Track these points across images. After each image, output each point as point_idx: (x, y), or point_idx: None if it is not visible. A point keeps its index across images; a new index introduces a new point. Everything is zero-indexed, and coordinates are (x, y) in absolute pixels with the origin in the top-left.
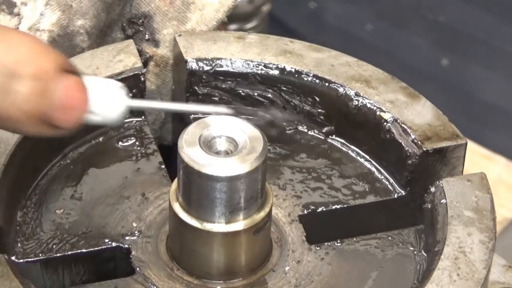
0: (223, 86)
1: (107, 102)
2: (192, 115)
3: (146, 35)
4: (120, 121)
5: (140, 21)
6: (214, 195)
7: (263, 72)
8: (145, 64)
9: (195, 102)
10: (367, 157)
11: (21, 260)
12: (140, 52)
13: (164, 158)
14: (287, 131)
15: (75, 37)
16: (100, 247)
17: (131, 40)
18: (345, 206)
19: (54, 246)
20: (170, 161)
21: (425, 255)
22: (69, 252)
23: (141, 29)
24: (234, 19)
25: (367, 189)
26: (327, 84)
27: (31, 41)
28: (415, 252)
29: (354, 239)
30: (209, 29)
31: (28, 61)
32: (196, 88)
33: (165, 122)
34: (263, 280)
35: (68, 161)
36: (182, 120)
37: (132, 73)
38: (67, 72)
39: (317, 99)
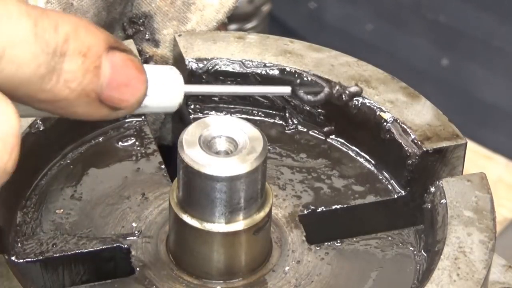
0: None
1: (166, 87)
2: (192, 115)
3: (146, 35)
4: (176, 107)
5: (141, 20)
6: (214, 195)
7: (263, 72)
8: (145, 64)
9: (251, 85)
10: (367, 157)
11: (21, 260)
12: (140, 52)
13: (164, 158)
14: (287, 131)
15: None
16: (100, 247)
17: (131, 40)
18: (345, 206)
19: (54, 246)
20: (170, 161)
21: (425, 255)
22: (69, 252)
23: (141, 29)
24: (234, 19)
25: (367, 189)
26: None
27: (74, 19)
28: (415, 252)
29: (354, 239)
30: (209, 29)
31: (72, 37)
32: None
33: (165, 122)
34: (263, 280)
35: (68, 161)
36: (182, 120)
37: None
38: (117, 49)
39: None
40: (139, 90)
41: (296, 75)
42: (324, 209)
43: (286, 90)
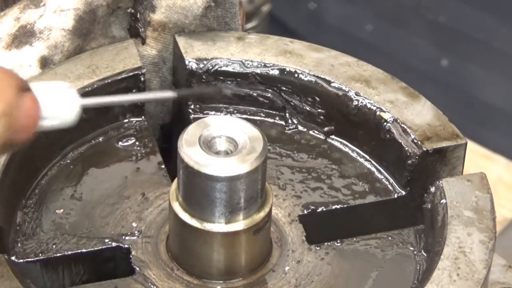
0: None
1: (60, 106)
2: (192, 115)
3: (145, 1)
4: (76, 121)
5: None
6: (214, 195)
7: (263, 72)
8: (143, 30)
9: (142, 92)
10: (367, 157)
11: (21, 260)
12: (138, 19)
13: (164, 158)
14: (287, 131)
15: (98, 10)
16: (100, 247)
17: (131, 40)
18: (345, 206)
19: (54, 246)
20: (170, 161)
21: (425, 255)
22: (69, 252)
23: None
24: None
25: (367, 189)
26: (326, 84)
27: None
28: (415, 252)
29: (354, 239)
30: None
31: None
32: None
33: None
34: (263, 280)
35: (68, 161)
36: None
37: (132, 73)
38: (23, 91)
39: (317, 99)
40: (36, 125)
41: (296, 75)
42: (324, 209)
43: (170, 94)
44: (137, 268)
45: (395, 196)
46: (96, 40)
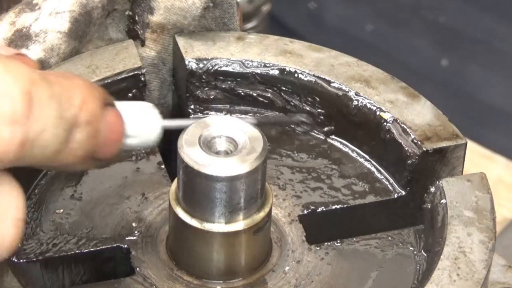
0: (223, 86)
1: (143, 126)
2: (192, 115)
3: (143, 3)
4: (157, 142)
5: None
6: (214, 195)
7: (263, 72)
8: (142, 32)
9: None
10: (367, 157)
11: (21, 260)
12: (137, 21)
13: (164, 158)
14: (287, 131)
15: (93, 12)
16: (100, 247)
17: (131, 40)
18: (345, 206)
19: (54, 246)
20: (170, 161)
21: (425, 255)
22: (69, 252)
23: None
24: None
25: (367, 189)
26: (326, 84)
27: (80, 85)
28: (415, 252)
29: (354, 239)
30: None
31: (83, 108)
32: (196, 88)
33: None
34: (263, 280)
35: None
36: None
37: (132, 73)
38: (107, 105)
39: (317, 99)
40: (121, 142)
41: (296, 75)
42: (324, 209)
43: (253, 121)
44: (137, 268)
45: (395, 196)
46: (92, 43)
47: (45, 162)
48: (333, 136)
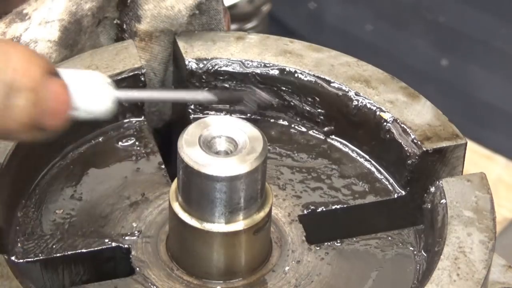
0: (223, 86)
1: (92, 97)
2: (192, 116)
3: (131, 12)
4: (110, 113)
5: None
6: (214, 195)
7: (263, 72)
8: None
9: (180, 89)
10: (367, 157)
11: (21, 260)
12: (125, 30)
13: (164, 158)
14: (287, 131)
15: (83, 20)
16: (100, 247)
17: (131, 40)
18: (345, 206)
19: (54, 246)
20: (170, 161)
21: (425, 255)
22: (69, 252)
23: (128, 3)
24: (234, 19)
25: (367, 189)
26: (326, 84)
27: (21, 50)
28: (415, 252)
29: (354, 239)
30: (186, 7)
31: (23, 73)
32: (196, 88)
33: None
34: (263, 280)
35: (68, 161)
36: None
37: (132, 73)
38: (51, 74)
39: (317, 99)
40: (67, 112)
41: (296, 75)
42: (324, 209)
43: (211, 96)
44: (137, 268)
45: (395, 196)
46: (84, 51)
47: None
48: (333, 136)
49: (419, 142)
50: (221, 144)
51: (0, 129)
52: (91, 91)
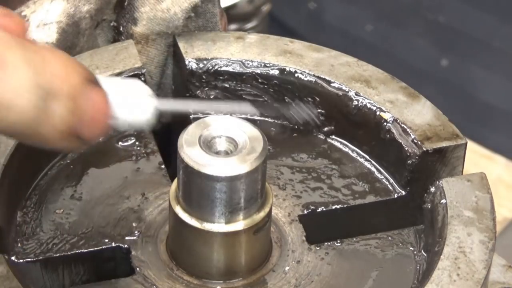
0: (223, 86)
1: (132, 107)
2: (192, 116)
3: (127, 15)
4: (150, 125)
5: (126, 2)
6: (214, 195)
7: (263, 72)
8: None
9: (222, 101)
10: (367, 157)
11: (21, 260)
12: (121, 32)
13: (164, 158)
14: (287, 131)
15: (81, 22)
16: (100, 247)
17: (131, 40)
18: (345, 206)
19: (54, 246)
20: (170, 161)
21: (425, 255)
22: (69, 252)
23: (125, 5)
24: (234, 19)
25: (367, 189)
26: (326, 84)
27: (62, 57)
28: (415, 252)
29: (354, 239)
30: (182, 10)
31: (62, 79)
32: (196, 88)
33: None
34: (263, 280)
35: (68, 161)
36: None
37: (132, 73)
38: (91, 83)
39: (317, 99)
40: (106, 122)
41: (296, 75)
42: (324, 209)
43: (253, 109)
44: (137, 268)
45: (395, 196)
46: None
47: (26, 132)
48: (333, 136)
49: (419, 142)
50: (221, 144)
51: (35, 134)
52: (131, 101)
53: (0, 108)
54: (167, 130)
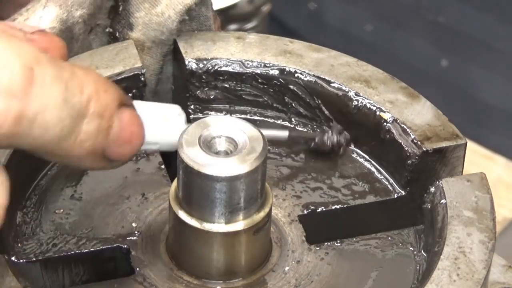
0: (223, 86)
1: (165, 131)
2: (192, 116)
3: (123, 20)
4: (177, 148)
5: (120, 8)
6: (213, 195)
7: (263, 72)
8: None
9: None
10: (367, 157)
11: (21, 260)
12: (117, 38)
13: (164, 158)
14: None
15: (74, 27)
16: (100, 247)
17: (131, 41)
18: (345, 206)
19: (54, 246)
20: (170, 161)
21: (425, 255)
22: (69, 252)
23: (120, 10)
24: (234, 19)
25: (367, 189)
26: (326, 84)
27: (96, 77)
28: (415, 252)
29: (354, 239)
30: (176, 13)
31: (94, 99)
32: (196, 88)
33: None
34: (263, 280)
35: None
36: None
37: (132, 73)
38: (123, 105)
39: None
40: (138, 144)
41: (296, 75)
42: (324, 209)
43: (283, 134)
44: (137, 268)
45: (395, 196)
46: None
47: (50, 148)
48: None
49: (419, 142)
50: (221, 144)
51: (60, 151)
52: (163, 126)
53: (25, 122)
54: None
